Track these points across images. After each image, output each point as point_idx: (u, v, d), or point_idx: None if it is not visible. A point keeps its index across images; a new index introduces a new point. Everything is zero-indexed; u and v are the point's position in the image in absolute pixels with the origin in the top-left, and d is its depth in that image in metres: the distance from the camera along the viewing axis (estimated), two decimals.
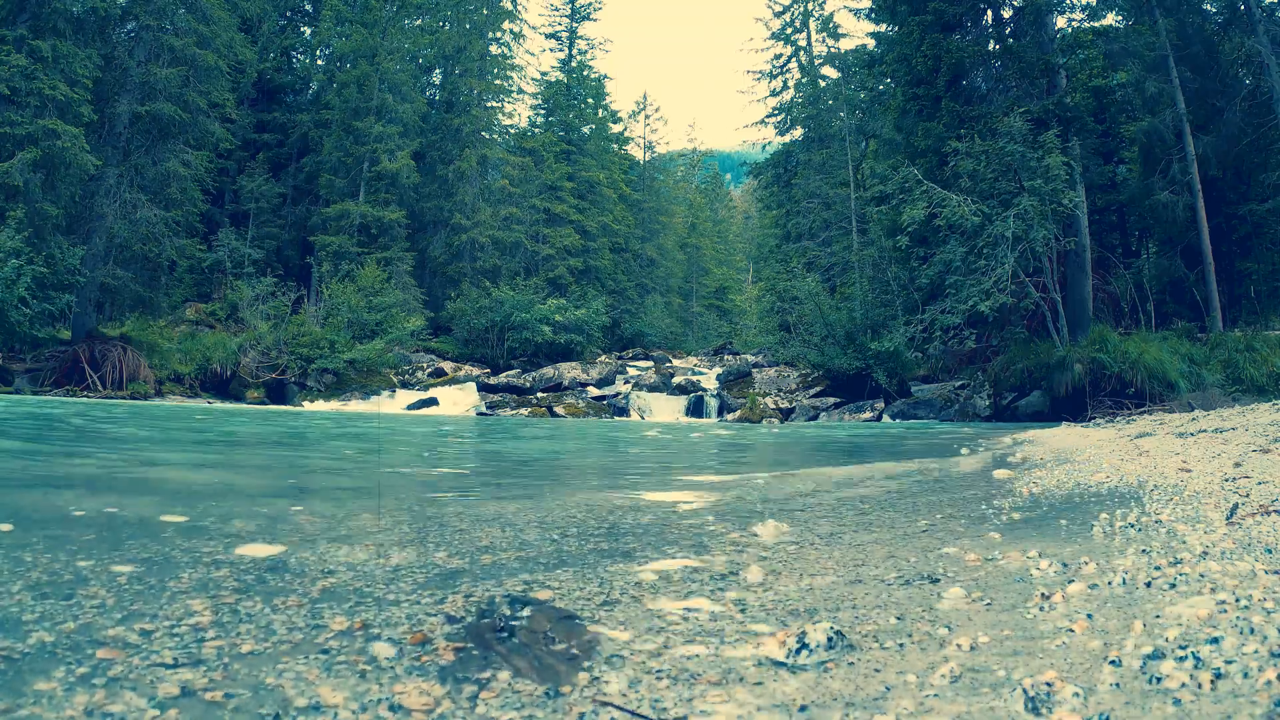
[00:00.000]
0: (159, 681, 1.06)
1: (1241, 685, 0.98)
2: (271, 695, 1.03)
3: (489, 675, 1.13)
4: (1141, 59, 16.26)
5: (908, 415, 15.38)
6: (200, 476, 4.36)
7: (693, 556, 2.02)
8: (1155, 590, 1.49)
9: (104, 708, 0.97)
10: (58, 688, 1.03)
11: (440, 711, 1.01)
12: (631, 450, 7.34)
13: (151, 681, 1.06)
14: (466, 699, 1.04)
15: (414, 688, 1.07)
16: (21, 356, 15.32)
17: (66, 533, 2.15)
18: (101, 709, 0.97)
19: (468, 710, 1.01)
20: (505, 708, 1.02)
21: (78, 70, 15.50)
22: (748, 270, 53.91)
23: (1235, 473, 3.26)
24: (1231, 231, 16.64)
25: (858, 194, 26.34)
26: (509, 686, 1.09)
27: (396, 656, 1.20)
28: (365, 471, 5.08)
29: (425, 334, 23.63)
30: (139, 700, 0.99)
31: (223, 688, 1.05)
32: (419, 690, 1.07)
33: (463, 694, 1.06)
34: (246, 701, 1.01)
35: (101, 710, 0.96)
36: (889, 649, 1.26)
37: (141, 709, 0.97)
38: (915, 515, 2.86)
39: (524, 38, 37.46)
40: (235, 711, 0.98)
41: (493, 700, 1.04)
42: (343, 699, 1.03)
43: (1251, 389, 12.17)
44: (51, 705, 0.97)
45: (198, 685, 1.05)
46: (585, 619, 1.42)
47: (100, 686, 1.03)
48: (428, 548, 2.09)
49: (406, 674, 1.13)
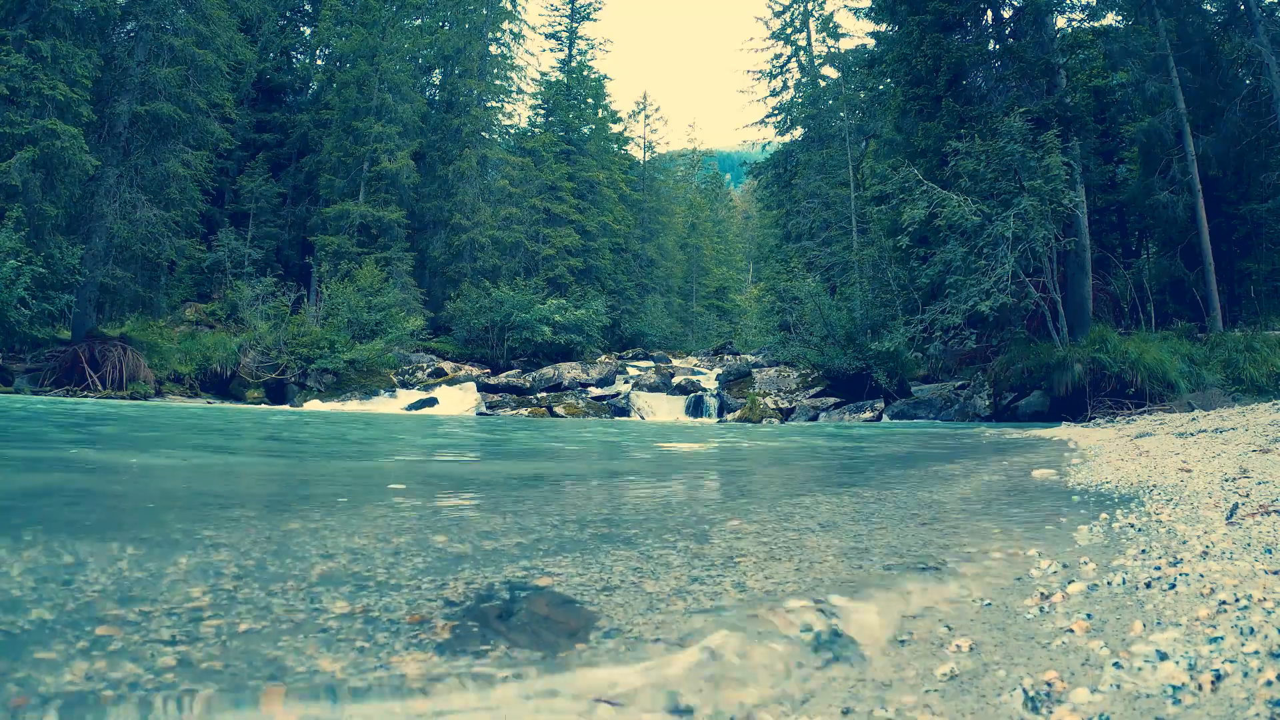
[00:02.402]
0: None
1: (1241, 685, 0.98)
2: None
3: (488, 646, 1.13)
4: (1141, 59, 16.25)
5: (908, 415, 15.37)
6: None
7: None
8: (1155, 590, 1.49)
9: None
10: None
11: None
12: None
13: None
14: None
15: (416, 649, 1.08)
16: (21, 356, 15.32)
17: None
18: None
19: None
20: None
21: (77, 70, 15.48)
22: (748, 270, 53.89)
23: (1235, 473, 3.26)
24: (1231, 231, 16.64)
25: (858, 194, 26.33)
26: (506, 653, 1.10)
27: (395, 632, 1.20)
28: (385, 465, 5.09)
29: (425, 334, 23.61)
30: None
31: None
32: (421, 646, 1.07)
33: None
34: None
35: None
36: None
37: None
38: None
39: (524, 38, 37.47)
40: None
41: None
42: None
43: (1251, 389, 12.17)
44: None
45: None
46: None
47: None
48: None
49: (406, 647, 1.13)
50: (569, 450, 7.20)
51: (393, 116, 25.71)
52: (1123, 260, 19.11)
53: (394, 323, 20.82)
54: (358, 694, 1.02)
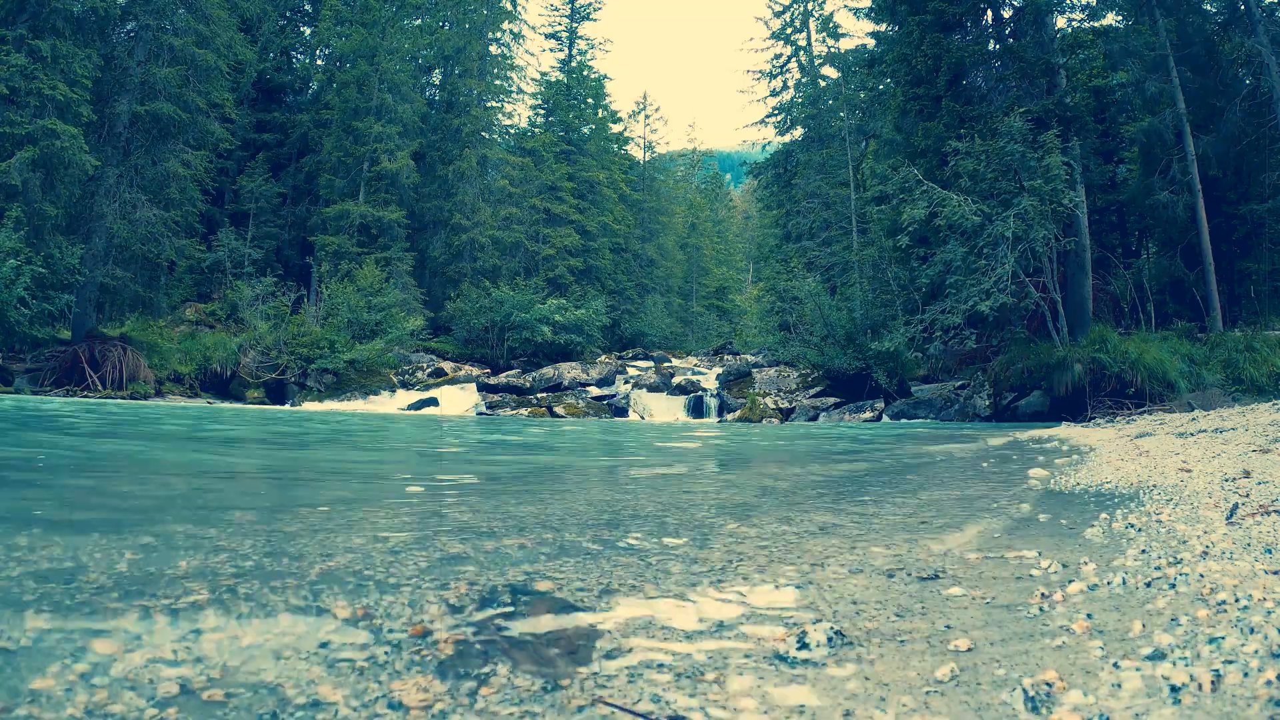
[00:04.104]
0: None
1: (1241, 685, 0.98)
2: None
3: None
4: (1141, 59, 16.24)
5: (908, 415, 15.37)
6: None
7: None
8: (1155, 590, 1.49)
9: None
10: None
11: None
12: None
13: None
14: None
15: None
16: (21, 356, 15.31)
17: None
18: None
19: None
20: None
21: (77, 70, 15.48)
22: (748, 270, 53.88)
23: (1235, 473, 3.26)
24: (1231, 231, 16.63)
25: (858, 194, 26.32)
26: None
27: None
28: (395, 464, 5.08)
29: (425, 334, 23.60)
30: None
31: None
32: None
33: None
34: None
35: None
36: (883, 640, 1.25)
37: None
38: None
39: (524, 38, 37.48)
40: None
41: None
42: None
43: (1251, 389, 12.16)
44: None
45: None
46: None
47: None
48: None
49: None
50: (569, 450, 7.20)
51: (393, 116, 25.71)
52: (1123, 260, 19.11)
53: (394, 323, 20.82)
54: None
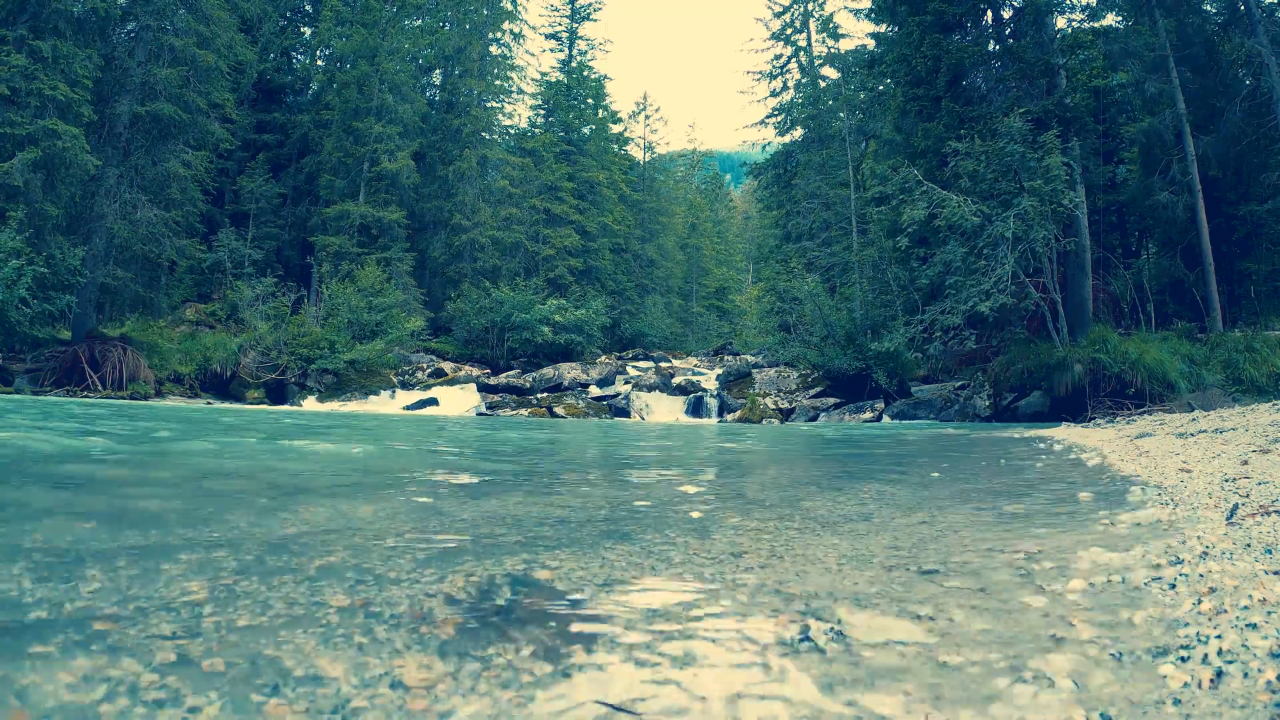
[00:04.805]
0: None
1: (1241, 685, 0.98)
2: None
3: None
4: (1141, 59, 16.24)
5: (908, 416, 15.36)
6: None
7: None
8: (1155, 590, 1.49)
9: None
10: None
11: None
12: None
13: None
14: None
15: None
16: (22, 356, 15.32)
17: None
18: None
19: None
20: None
21: (78, 70, 15.49)
22: (748, 270, 53.87)
23: (1235, 473, 3.26)
24: (1231, 231, 16.63)
25: (858, 194, 26.32)
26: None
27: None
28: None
29: (425, 334, 23.61)
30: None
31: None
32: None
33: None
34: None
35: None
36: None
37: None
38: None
39: (524, 38, 37.50)
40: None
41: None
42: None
43: (1252, 389, 12.16)
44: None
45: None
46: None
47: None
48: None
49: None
50: (569, 450, 7.20)
51: (393, 117, 25.72)
52: (1123, 260, 19.11)
53: (394, 323, 20.82)
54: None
